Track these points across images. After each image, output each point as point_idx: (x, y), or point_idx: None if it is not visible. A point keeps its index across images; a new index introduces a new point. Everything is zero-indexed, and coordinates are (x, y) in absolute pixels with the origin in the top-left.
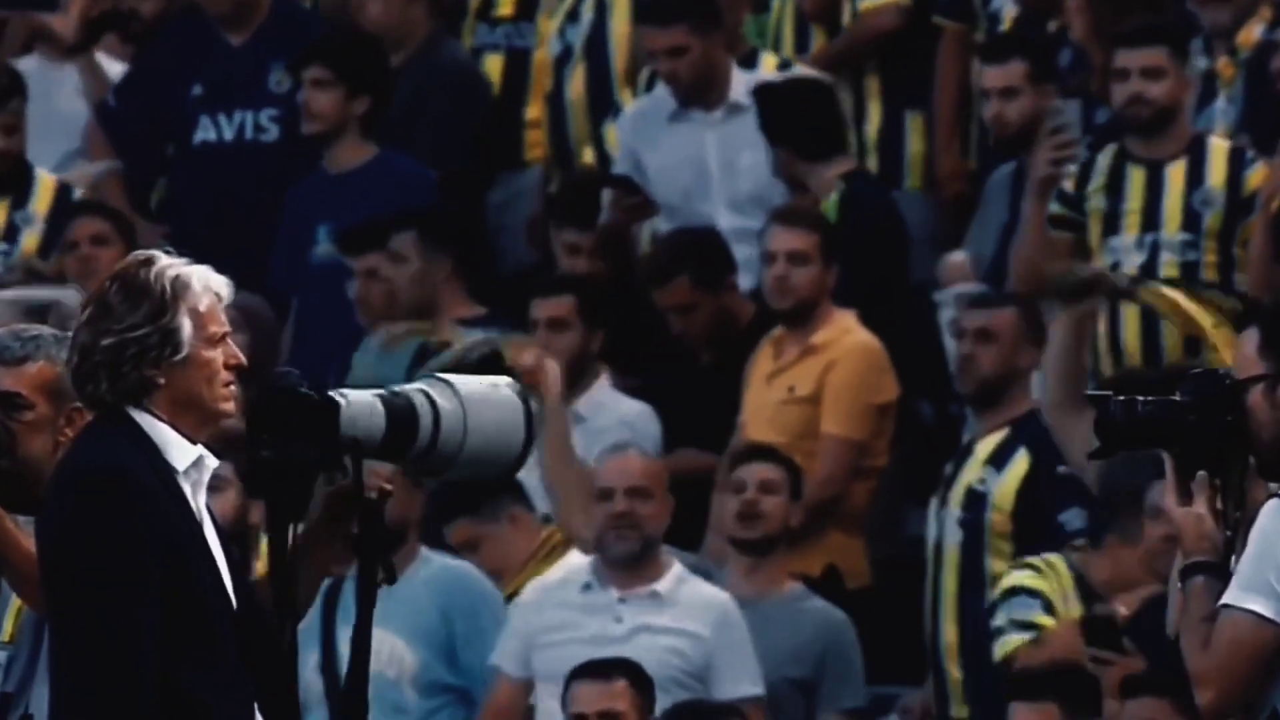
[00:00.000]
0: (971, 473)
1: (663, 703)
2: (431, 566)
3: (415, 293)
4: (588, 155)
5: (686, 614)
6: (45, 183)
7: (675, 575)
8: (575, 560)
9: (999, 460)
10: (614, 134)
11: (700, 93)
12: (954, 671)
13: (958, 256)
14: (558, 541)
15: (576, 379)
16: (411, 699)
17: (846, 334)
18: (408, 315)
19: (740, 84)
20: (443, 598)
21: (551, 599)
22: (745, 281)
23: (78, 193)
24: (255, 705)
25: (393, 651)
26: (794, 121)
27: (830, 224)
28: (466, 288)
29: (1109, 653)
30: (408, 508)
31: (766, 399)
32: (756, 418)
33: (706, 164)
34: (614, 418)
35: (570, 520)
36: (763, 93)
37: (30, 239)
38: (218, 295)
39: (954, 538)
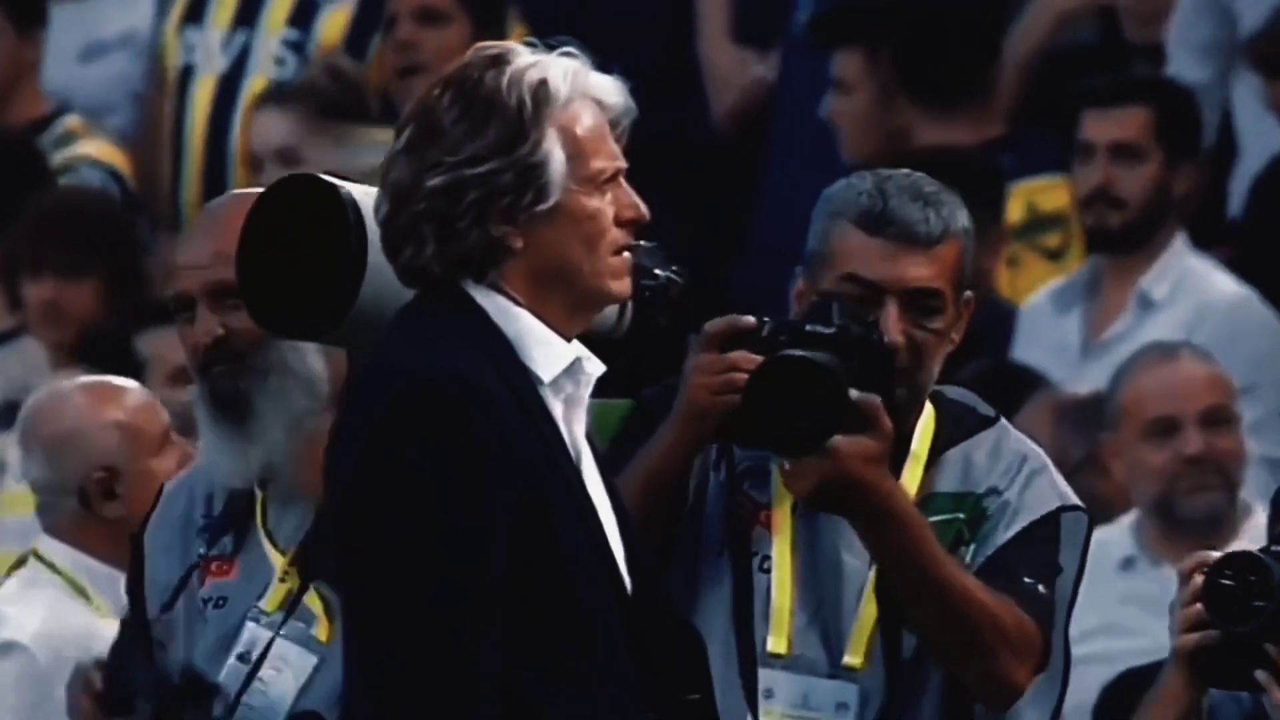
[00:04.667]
0: None
1: None
2: None
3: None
4: None
5: None
6: None
7: (1256, 526)
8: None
9: None
10: None
11: None
12: None
13: None
14: None
15: (1146, 237)
16: None
17: None
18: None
19: None
20: None
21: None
22: None
23: None
24: None
25: None
26: None
27: None
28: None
29: None
30: None
31: None
32: None
33: None
34: (1197, 301)
35: None
36: None
37: (335, 21)
38: (608, 111)
39: None
